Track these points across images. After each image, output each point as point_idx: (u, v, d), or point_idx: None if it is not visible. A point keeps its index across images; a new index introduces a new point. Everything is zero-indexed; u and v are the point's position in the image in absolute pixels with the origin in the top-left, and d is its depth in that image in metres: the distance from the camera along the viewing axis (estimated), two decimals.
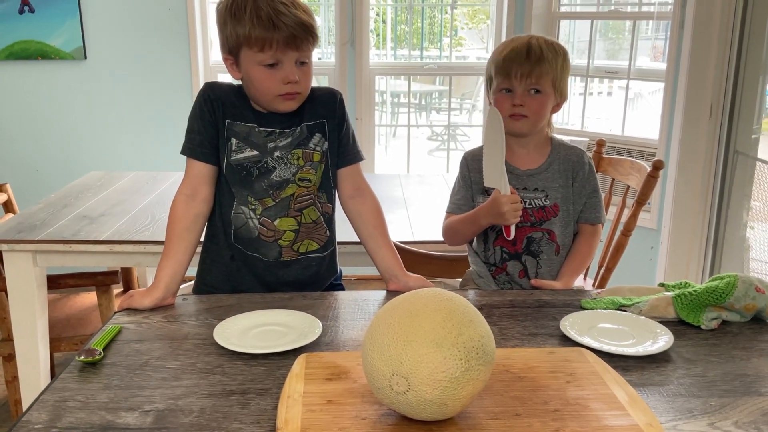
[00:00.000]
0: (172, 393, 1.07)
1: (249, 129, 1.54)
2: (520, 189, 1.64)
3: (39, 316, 2.15)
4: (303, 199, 1.57)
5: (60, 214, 2.30)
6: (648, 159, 2.97)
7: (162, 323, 1.34)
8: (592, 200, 1.69)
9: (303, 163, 1.56)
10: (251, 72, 1.48)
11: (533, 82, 1.58)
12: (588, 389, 1.05)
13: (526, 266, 1.67)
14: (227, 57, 1.51)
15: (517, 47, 1.59)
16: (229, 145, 1.54)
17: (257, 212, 1.56)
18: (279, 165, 1.55)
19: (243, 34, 1.44)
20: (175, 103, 3.63)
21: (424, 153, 6.01)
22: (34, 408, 1.03)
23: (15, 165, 3.67)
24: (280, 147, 1.55)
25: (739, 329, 1.32)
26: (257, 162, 1.54)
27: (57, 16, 3.48)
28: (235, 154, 1.54)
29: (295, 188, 1.56)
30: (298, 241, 1.58)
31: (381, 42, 5.54)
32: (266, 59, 1.45)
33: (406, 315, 0.95)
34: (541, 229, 1.65)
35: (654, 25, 3.62)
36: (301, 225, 1.58)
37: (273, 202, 1.55)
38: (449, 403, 0.93)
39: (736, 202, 2.99)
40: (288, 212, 1.56)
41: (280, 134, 1.55)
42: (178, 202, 1.55)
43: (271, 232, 1.57)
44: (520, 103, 1.59)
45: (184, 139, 1.56)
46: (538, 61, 1.57)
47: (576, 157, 1.68)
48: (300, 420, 0.96)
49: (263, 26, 1.42)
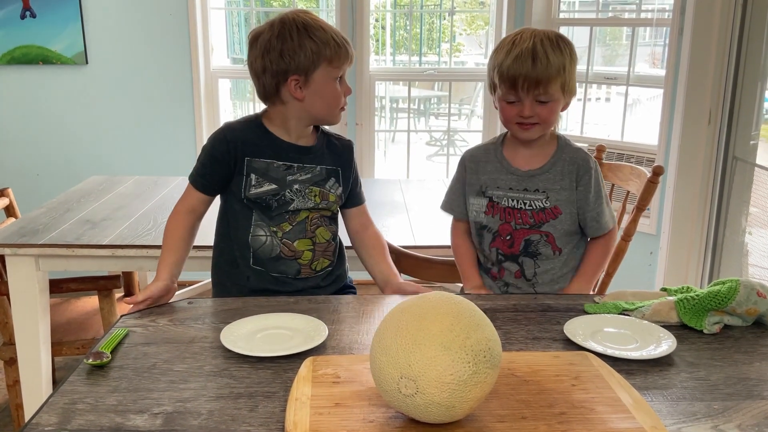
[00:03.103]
0: (181, 396, 1.08)
1: (267, 165, 1.62)
2: (521, 189, 1.63)
3: (41, 320, 2.16)
4: (316, 222, 1.66)
5: (62, 218, 2.30)
6: (647, 164, 2.99)
7: (169, 326, 1.35)
8: (597, 209, 1.64)
9: (319, 200, 1.65)
10: (326, 88, 1.59)
11: (541, 91, 1.52)
12: (593, 392, 1.06)
13: (523, 267, 1.66)
14: (296, 78, 1.56)
15: (522, 54, 1.51)
16: (249, 180, 1.62)
17: (278, 234, 1.64)
18: (297, 197, 1.63)
19: (326, 53, 1.55)
20: (176, 108, 3.63)
21: (423, 158, 6.02)
22: (43, 411, 1.04)
23: (16, 169, 3.67)
24: (299, 181, 1.63)
25: (741, 333, 1.33)
26: (275, 194, 1.62)
27: (58, 21, 3.49)
28: (254, 188, 1.62)
29: (307, 213, 1.65)
30: (315, 260, 1.67)
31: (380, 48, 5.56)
32: (338, 74, 1.59)
33: (414, 318, 0.96)
34: (539, 231, 1.63)
35: (653, 32, 3.65)
36: (316, 245, 1.67)
37: (290, 226, 1.64)
38: (457, 405, 0.93)
39: (735, 208, 3.00)
40: (305, 234, 1.65)
41: (300, 169, 1.64)
42: (177, 214, 1.65)
43: (291, 252, 1.65)
44: (529, 114, 1.54)
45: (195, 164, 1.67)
46: (545, 70, 1.50)
47: (582, 160, 1.63)
48: (308, 422, 0.97)
49: (338, 44, 1.56)
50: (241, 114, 4.64)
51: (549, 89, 1.53)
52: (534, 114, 1.55)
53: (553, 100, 1.55)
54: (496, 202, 1.65)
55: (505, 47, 1.56)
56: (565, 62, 1.53)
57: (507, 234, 1.65)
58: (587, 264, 1.68)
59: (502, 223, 1.65)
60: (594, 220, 1.65)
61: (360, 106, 3.69)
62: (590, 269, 1.68)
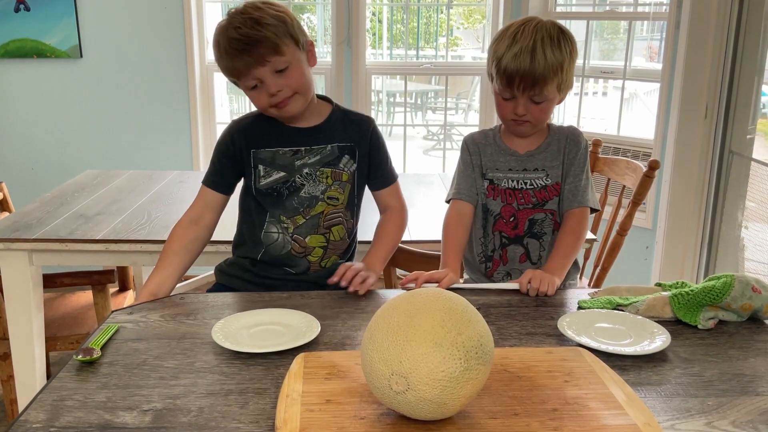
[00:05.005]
0: (171, 392, 1.07)
1: (273, 153, 1.60)
2: (521, 170, 1.64)
3: (35, 315, 2.15)
4: (332, 217, 1.63)
5: (56, 212, 2.29)
6: (643, 159, 2.98)
7: (160, 322, 1.34)
8: (575, 181, 1.62)
9: (332, 182, 1.61)
10: (249, 97, 1.55)
11: (536, 92, 1.52)
12: (586, 388, 1.06)
13: (528, 249, 1.65)
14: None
15: (521, 53, 1.49)
16: (257, 172, 1.61)
17: (289, 230, 1.62)
18: (307, 182, 1.60)
19: (224, 68, 1.53)
20: (171, 102, 3.62)
21: (420, 153, 6.01)
22: (32, 407, 1.03)
23: (10, 164, 3.66)
24: (309, 164, 1.60)
25: (736, 329, 1.32)
26: (285, 182, 1.60)
27: (53, 15, 3.47)
28: (263, 179, 1.60)
29: (324, 206, 1.62)
30: (325, 258, 1.65)
31: (377, 41, 5.54)
32: (248, 84, 1.52)
33: (405, 314, 0.95)
34: (544, 210, 1.64)
35: (649, 26, 3.63)
36: (329, 242, 1.65)
37: (303, 219, 1.62)
38: (448, 402, 0.93)
39: (731, 202, 3.00)
40: (318, 230, 1.63)
41: (307, 152, 1.61)
42: (181, 223, 1.64)
43: (302, 249, 1.63)
44: (523, 113, 1.55)
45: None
46: (542, 71, 1.48)
47: (573, 134, 1.65)
48: (299, 419, 0.96)
49: (229, 58, 1.49)
50: (237, 108, 4.63)
51: (544, 90, 1.52)
52: (527, 112, 1.55)
53: (547, 99, 1.55)
54: (496, 184, 1.66)
55: (506, 40, 1.53)
56: (564, 61, 1.52)
57: (510, 215, 1.65)
58: (561, 240, 1.60)
59: (503, 205, 1.65)
60: (570, 192, 1.63)
61: (356, 101, 3.67)
62: (565, 246, 1.58)
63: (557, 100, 1.59)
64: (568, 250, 1.58)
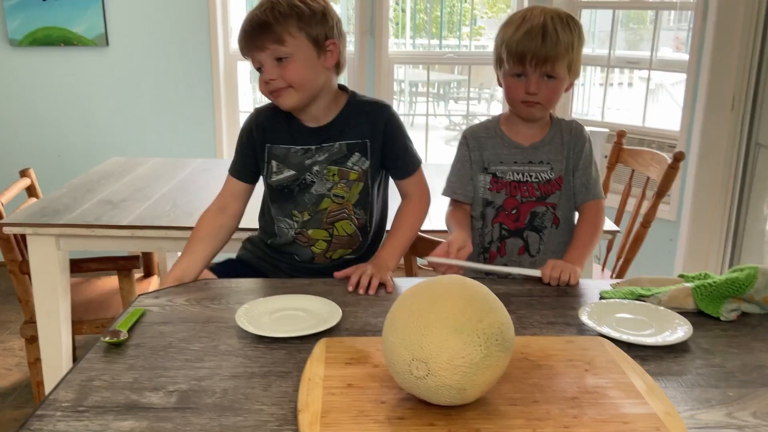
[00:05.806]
0: (196, 374, 1.09)
1: (286, 150, 1.62)
2: (526, 162, 1.64)
3: (62, 299, 2.19)
4: (335, 214, 1.63)
5: (83, 198, 2.33)
6: (668, 150, 2.95)
7: (185, 306, 1.36)
8: (586, 175, 1.65)
9: (338, 180, 1.61)
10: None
11: (548, 68, 1.54)
12: (606, 378, 1.06)
13: (527, 242, 1.66)
14: None
15: (532, 30, 1.52)
16: (270, 167, 1.62)
17: (297, 223, 1.64)
18: (317, 180, 1.61)
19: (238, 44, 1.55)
20: (195, 90, 3.65)
21: (442, 143, 5.99)
22: (60, 387, 1.06)
23: (38, 150, 3.71)
24: (319, 162, 1.61)
25: (759, 321, 1.31)
26: (295, 180, 1.62)
27: (80, 3, 3.51)
28: (275, 175, 1.62)
29: (329, 203, 1.62)
30: (330, 251, 1.66)
31: (400, 31, 5.53)
32: (254, 65, 1.54)
33: (427, 301, 0.96)
34: (546, 203, 1.64)
35: (677, 16, 3.59)
36: (334, 237, 1.65)
37: (309, 215, 1.63)
38: (468, 388, 0.94)
39: (757, 195, 2.96)
40: (321, 225, 1.63)
41: (318, 150, 1.61)
42: (208, 212, 1.67)
43: (306, 239, 1.65)
44: (535, 91, 1.55)
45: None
46: (554, 46, 1.51)
47: (576, 129, 1.66)
48: (320, 402, 0.98)
49: (240, 35, 1.52)
50: (260, 96, 4.64)
51: (556, 66, 1.54)
52: (539, 90, 1.56)
53: (558, 78, 1.56)
54: (500, 177, 1.66)
55: (514, 22, 1.56)
56: (574, 41, 1.55)
57: (513, 208, 1.65)
58: (580, 231, 1.64)
59: (507, 197, 1.65)
60: (583, 185, 1.66)
61: (379, 90, 3.67)
62: (584, 237, 1.62)
63: (566, 85, 1.59)
64: (587, 241, 1.62)
